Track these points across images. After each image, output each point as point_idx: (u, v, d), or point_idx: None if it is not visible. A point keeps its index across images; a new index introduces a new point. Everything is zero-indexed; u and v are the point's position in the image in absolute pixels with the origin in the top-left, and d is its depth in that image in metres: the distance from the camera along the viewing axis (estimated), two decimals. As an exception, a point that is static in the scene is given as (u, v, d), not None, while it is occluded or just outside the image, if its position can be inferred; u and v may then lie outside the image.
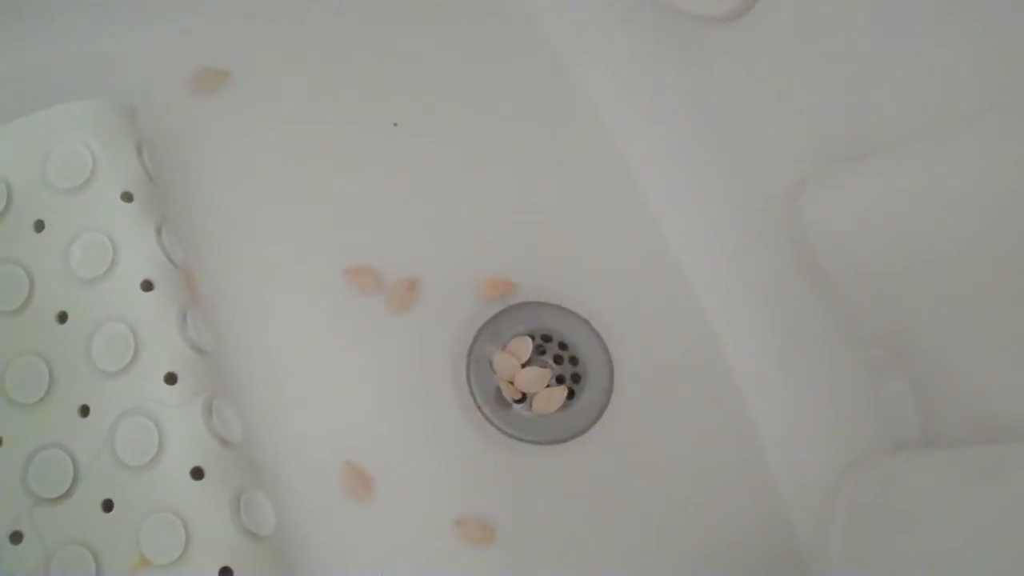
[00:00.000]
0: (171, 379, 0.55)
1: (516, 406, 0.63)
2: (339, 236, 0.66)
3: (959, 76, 0.54)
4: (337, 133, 0.69)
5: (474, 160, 0.69)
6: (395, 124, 0.68)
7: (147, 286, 0.57)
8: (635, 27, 0.71)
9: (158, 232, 0.59)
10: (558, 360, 0.65)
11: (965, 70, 0.54)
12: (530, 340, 0.64)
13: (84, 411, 0.54)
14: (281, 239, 0.65)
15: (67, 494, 0.53)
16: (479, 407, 0.63)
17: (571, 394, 0.64)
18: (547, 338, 0.65)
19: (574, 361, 0.65)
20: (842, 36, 0.60)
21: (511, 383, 0.63)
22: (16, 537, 0.52)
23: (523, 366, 0.64)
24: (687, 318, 0.67)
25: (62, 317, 0.56)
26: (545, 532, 0.61)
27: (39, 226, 0.58)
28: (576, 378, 0.65)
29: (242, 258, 0.64)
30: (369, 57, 0.71)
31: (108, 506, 0.53)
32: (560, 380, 0.65)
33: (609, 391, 0.64)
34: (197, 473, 0.54)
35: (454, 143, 0.70)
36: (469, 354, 0.64)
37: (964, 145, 0.54)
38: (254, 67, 0.69)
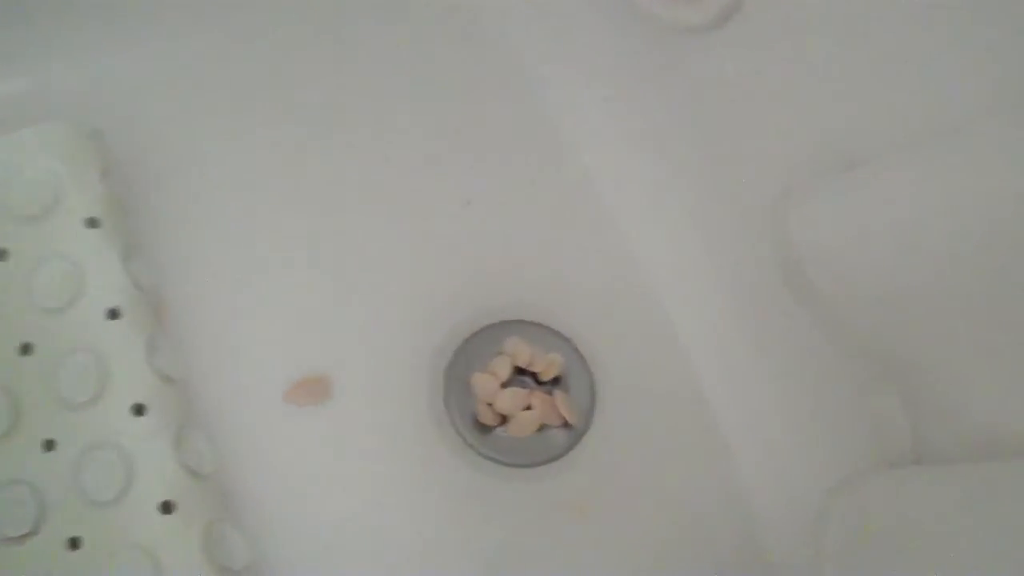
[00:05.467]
0: (139, 410, 0.54)
1: (496, 429, 0.62)
2: (315, 258, 0.65)
3: (952, 82, 0.53)
4: (315, 156, 0.68)
5: (440, 177, 0.69)
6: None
7: (113, 314, 0.56)
8: (609, 39, 0.70)
9: (125, 258, 0.58)
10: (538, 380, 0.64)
11: (959, 76, 0.52)
12: (510, 360, 0.63)
13: (49, 445, 0.53)
14: (255, 261, 0.64)
15: (32, 532, 0.51)
16: (457, 430, 0.61)
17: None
18: (527, 357, 0.64)
19: (555, 381, 0.63)
20: (828, 43, 0.58)
21: (490, 405, 0.61)
22: (-20, 577, 0.51)
23: (502, 387, 0.62)
24: (668, 333, 0.66)
25: (26, 348, 0.55)
26: (523, 556, 0.60)
27: (1, 255, 0.56)
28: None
29: (214, 283, 0.62)
30: (342, 87, 0.70)
31: (75, 544, 0.51)
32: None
33: (591, 411, 0.63)
34: (167, 507, 0.52)
35: (429, 165, 0.69)
36: (447, 375, 0.63)
37: (958, 154, 0.52)
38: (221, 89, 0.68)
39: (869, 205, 0.57)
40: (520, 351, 0.63)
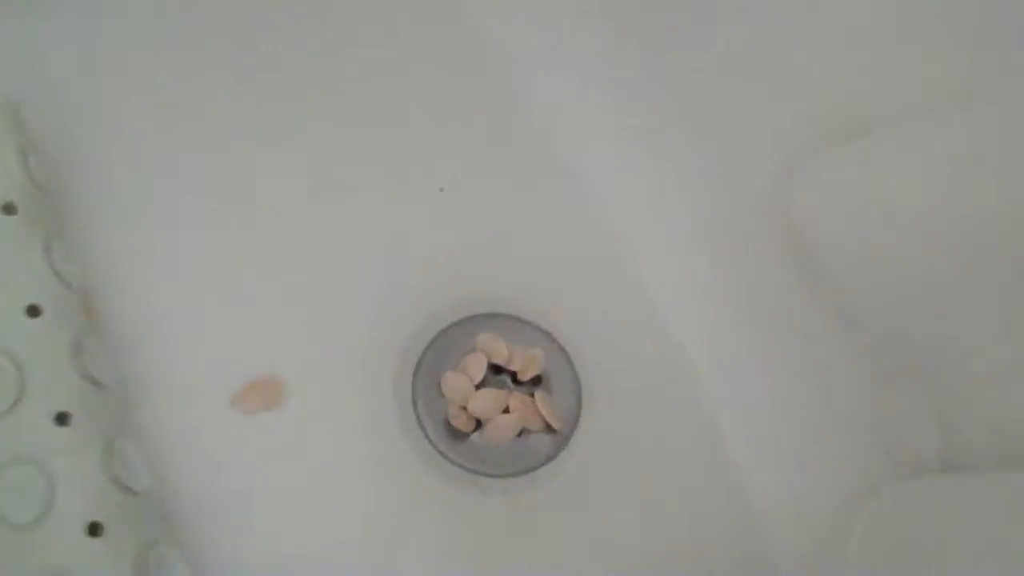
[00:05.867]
0: (62, 419, 0.49)
1: (471, 435, 0.58)
2: (268, 247, 0.60)
3: (965, 48, 0.51)
4: (269, 137, 0.63)
5: (409, 162, 0.64)
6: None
7: (33, 312, 0.51)
8: (592, 14, 0.67)
9: (47, 249, 0.53)
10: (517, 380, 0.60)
11: (964, 43, 0.51)
12: (484, 357, 0.59)
13: (-40, 462, 0.48)
14: (198, 250, 0.59)
15: (-61, 560, 0.47)
16: (427, 436, 0.57)
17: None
18: (504, 354, 0.60)
19: (536, 381, 0.59)
20: (825, 8, 0.57)
21: (463, 408, 0.57)
22: None
23: (477, 388, 0.58)
24: (660, 327, 0.62)
25: (-68, 357, 0.50)
26: (502, 573, 0.56)
27: (-96, 255, 0.52)
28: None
29: (151, 276, 0.58)
30: (303, 63, 0.66)
31: (-11, 572, 0.47)
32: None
33: (576, 413, 0.59)
34: (94, 529, 0.48)
35: (396, 149, 0.65)
36: (415, 375, 0.59)
37: (980, 120, 0.49)
38: (159, 57, 0.63)
39: (882, 176, 0.54)
40: (496, 348, 0.59)
